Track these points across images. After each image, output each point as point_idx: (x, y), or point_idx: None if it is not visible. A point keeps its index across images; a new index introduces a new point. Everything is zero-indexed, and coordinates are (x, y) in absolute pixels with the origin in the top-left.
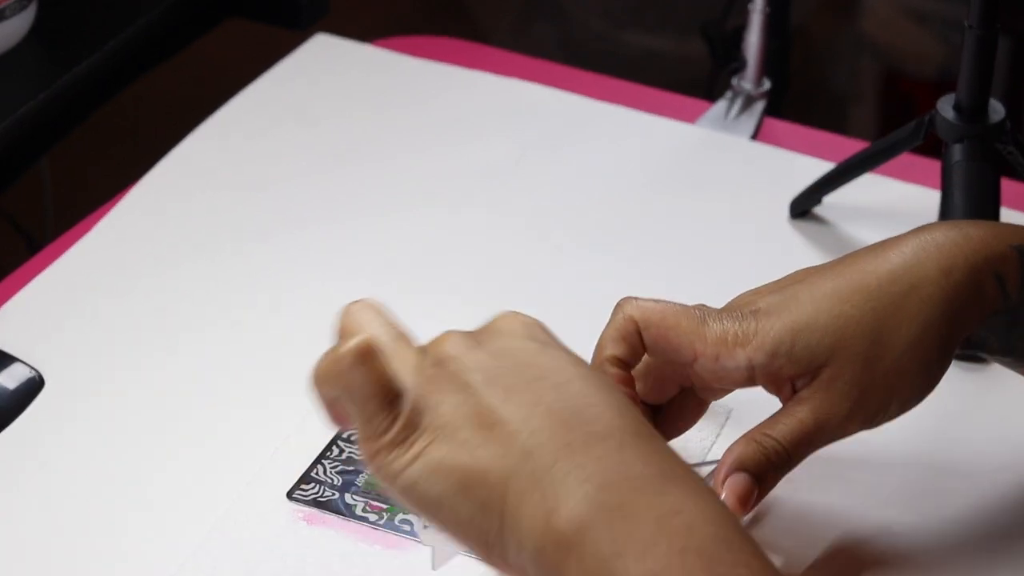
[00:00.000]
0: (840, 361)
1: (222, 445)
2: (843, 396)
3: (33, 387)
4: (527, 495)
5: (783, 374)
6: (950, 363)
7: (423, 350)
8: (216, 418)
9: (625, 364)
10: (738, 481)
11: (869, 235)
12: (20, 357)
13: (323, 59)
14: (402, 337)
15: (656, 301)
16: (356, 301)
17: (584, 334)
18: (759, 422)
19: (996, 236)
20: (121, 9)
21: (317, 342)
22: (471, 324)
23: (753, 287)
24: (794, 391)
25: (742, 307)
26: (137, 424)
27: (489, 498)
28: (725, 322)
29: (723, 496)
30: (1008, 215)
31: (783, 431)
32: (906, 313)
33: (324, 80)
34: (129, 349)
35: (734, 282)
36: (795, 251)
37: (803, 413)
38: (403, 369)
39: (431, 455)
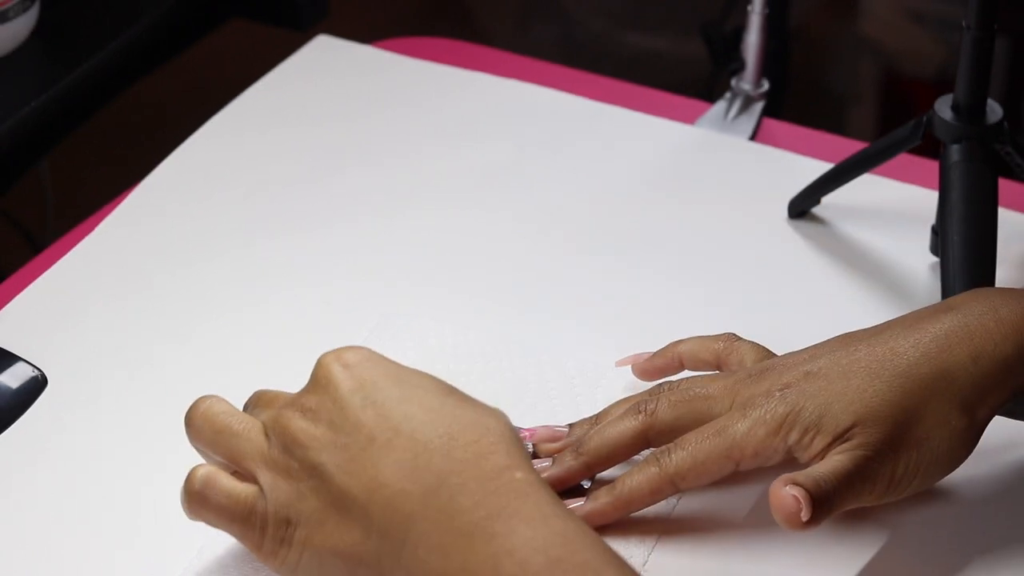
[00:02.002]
0: (868, 427)
1: None
2: (872, 453)
3: (36, 386)
4: (395, 574)
5: (814, 444)
6: (977, 440)
7: (266, 431)
8: None
9: None
10: (789, 495)
11: (868, 235)
12: (23, 356)
13: (324, 60)
14: (242, 429)
15: (688, 452)
16: (188, 418)
17: (583, 335)
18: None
19: None
20: (123, 10)
21: (317, 342)
22: (471, 323)
23: (753, 291)
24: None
25: (771, 387)
26: (140, 423)
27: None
28: (755, 420)
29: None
30: (1005, 215)
31: (825, 471)
32: (933, 393)
33: (325, 81)
34: (132, 349)
35: (733, 282)
36: (794, 251)
37: (842, 460)
38: (254, 463)
39: (313, 545)
